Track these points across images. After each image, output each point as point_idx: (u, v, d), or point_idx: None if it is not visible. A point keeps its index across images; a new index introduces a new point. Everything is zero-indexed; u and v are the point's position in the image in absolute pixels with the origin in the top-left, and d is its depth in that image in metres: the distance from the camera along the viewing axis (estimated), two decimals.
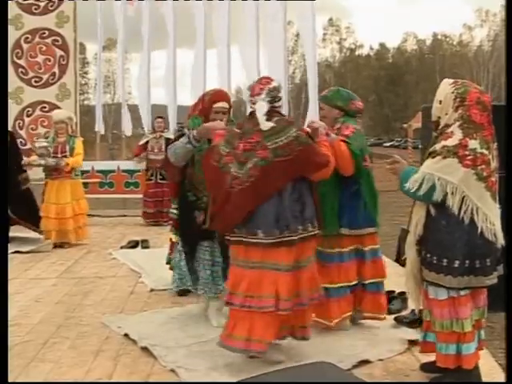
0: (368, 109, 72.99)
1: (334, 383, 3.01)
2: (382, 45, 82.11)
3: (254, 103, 4.42)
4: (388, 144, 65.33)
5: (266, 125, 4.25)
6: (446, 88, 3.97)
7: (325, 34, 79.29)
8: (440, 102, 3.97)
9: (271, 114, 4.33)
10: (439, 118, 3.98)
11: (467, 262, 3.74)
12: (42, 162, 9.03)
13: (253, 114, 4.40)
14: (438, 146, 3.83)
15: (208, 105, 5.24)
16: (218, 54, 13.64)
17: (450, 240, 3.78)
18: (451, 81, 4.01)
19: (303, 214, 4.27)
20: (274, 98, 4.39)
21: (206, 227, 4.83)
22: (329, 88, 5.45)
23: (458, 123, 3.84)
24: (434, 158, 3.82)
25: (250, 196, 4.18)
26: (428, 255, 3.90)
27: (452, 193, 3.75)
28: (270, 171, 4.15)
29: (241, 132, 4.39)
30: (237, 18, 13.75)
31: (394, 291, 5.86)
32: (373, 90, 75.41)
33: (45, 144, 9.03)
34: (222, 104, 5.25)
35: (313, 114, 11.37)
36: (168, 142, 10.33)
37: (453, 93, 3.90)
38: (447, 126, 3.90)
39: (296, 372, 3.21)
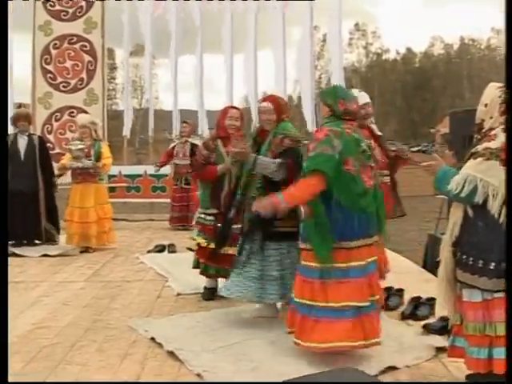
0: (395, 114, 72.65)
1: None
2: (408, 49, 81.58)
3: None
4: (415, 149, 64.80)
5: None
6: (492, 91, 3.91)
7: (351, 39, 78.95)
8: (486, 105, 3.90)
9: None
10: (483, 120, 3.92)
11: (503, 264, 3.70)
12: (80, 164, 9.12)
13: None
14: (480, 147, 3.79)
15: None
16: (245, 59, 13.69)
17: (487, 242, 3.75)
18: (498, 84, 3.95)
19: None
20: None
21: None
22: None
23: (502, 127, 3.80)
24: (475, 159, 3.78)
25: None
26: (464, 256, 3.86)
27: (493, 195, 3.71)
28: None
29: None
30: (264, 22, 13.80)
31: (391, 287, 5.88)
32: (400, 95, 74.95)
33: (81, 146, 9.11)
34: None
35: None
36: (193, 147, 10.41)
37: (500, 97, 3.86)
38: (491, 129, 3.86)
39: (324, 377, 3.20)
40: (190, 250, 6.83)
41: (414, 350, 4.74)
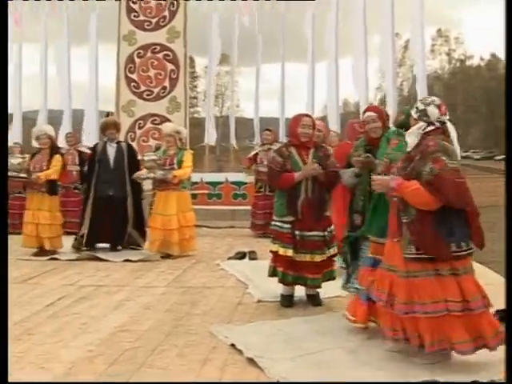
0: (479, 121, 71.05)
1: None
2: (493, 55, 79.81)
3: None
4: (500, 157, 63.23)
5: None
6: None
7: (433, 45, 77.82)
8: None
9: None
10: None
11: None
12: (151, 175, 9.24)
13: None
14: None
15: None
16: (328, 67, 13.65)
17: None
18: None
19: None
20: None
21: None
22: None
23: None
24: None
25: None
26: None
27: None
28: None
29: None
30: (345, 31, 13.75)
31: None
32: (484, 102, 73.33)
33: (153, 157, 9.21)
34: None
35: None
36: (274, 153, 10.42)
37: None
38: None
39: None
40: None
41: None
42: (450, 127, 4.55)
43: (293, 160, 6.22)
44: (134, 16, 13.51)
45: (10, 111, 14.97)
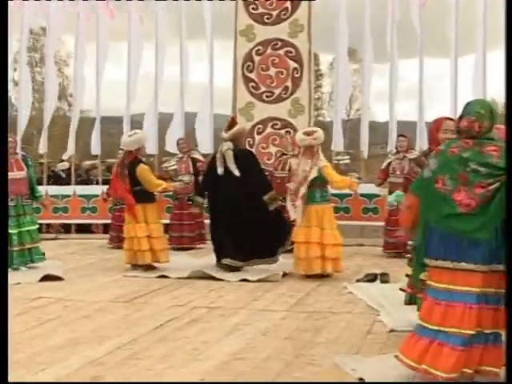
0: None
1: None
2: None
3: None
4: None
5: None
6: None
7: None
8: None
9: None
10: None
11: None
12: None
13: None
14: None
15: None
16: (474, 62, 13.32)
17: None
18: None
19: None
20: None
21: None
22: None
23: None
24: None
25: None
26: None
27: None
28: None
29: None
30: (493, 18, 13.38)
31: None
32: None
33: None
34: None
35: None
36: (411, 163, 10.25)
37: None
38: None
39: None
40: (402, 290, 6.82)
41: None
42: None
43: None
44: (253, 8, 13.62)
45: (121, 114, 15.59)
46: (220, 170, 9.74)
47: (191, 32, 15.30)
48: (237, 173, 9.65)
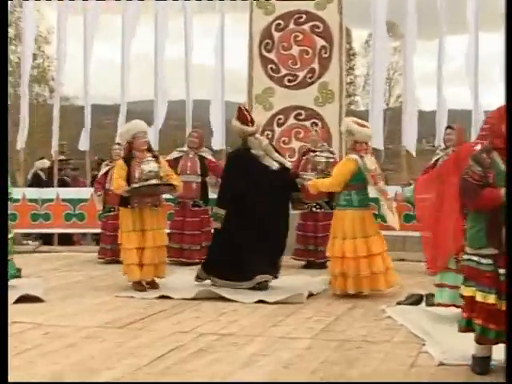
0: None
1: None
2: None
3: None
4: None
5: None
6: None
7: None
8: None
9: None
10: None
11: None
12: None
13: None
14: None
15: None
16: None
17: None
18: None
19: None
20: None
21: None
22: None
23: None
24: None
25: None
26: None
27: None
28: None
29: None
30: None
31: None
32: None
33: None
34: None
35: None
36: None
37: None
38: None
39: None
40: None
41: None
42: None
43: (497, 170, 6.02)
44: None
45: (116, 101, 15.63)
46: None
47: (197, 3, 15.32)
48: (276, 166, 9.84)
